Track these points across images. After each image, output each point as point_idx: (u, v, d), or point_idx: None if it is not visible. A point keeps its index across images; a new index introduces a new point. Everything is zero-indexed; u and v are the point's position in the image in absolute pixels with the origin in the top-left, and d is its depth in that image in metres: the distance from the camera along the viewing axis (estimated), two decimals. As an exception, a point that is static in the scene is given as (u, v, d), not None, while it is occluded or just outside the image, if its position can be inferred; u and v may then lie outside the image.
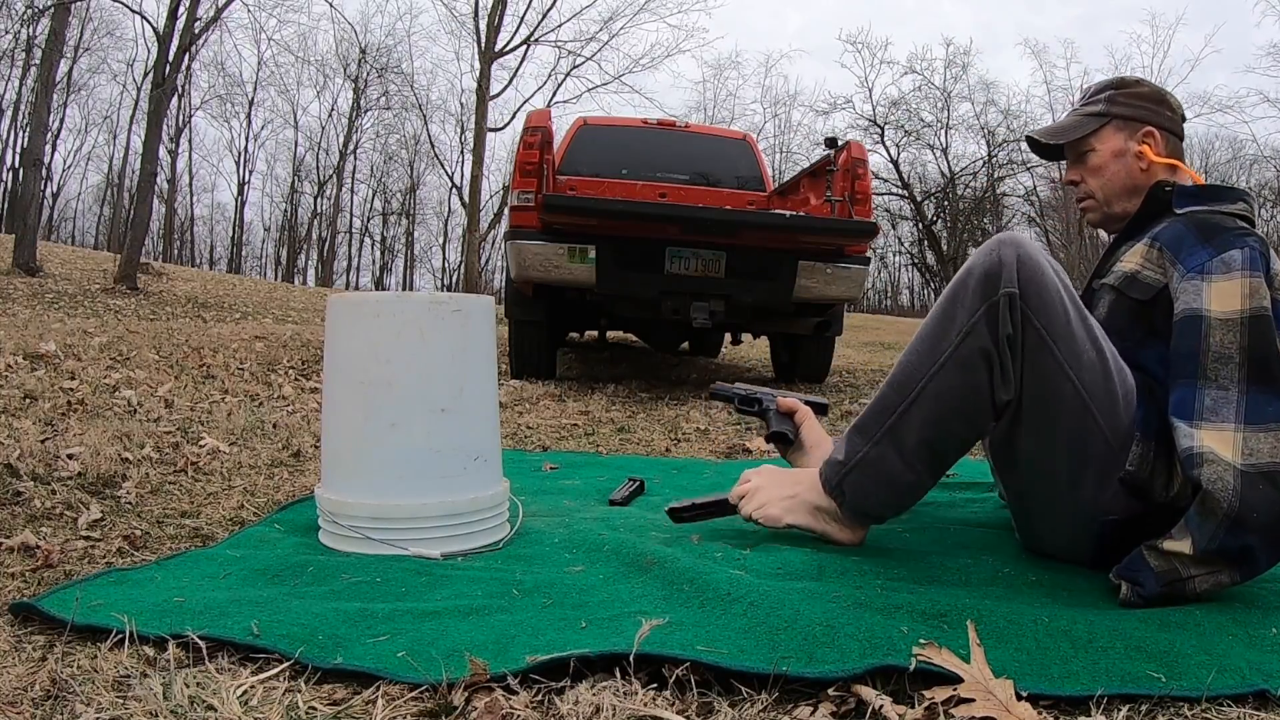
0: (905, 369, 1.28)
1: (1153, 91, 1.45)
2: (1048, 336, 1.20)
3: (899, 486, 1.29)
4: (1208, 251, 1.22)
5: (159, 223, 29.70)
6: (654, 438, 2.92)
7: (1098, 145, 1.44)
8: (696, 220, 3.79)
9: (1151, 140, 1.41)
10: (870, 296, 34.98)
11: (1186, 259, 1.24)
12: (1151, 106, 1.43)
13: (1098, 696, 0.86)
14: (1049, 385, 1.21)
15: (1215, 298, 1.18)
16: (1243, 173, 30.10)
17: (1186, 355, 1.18)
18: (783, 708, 0.86)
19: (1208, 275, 1.20)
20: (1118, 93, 1.45)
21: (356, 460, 1.40)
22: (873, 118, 18.68)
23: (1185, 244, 1.26)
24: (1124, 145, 1.43)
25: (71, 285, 9.92)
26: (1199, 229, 1.26)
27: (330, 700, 0.87)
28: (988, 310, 1.21)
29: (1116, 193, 1.44)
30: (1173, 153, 1.42)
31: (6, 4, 16.33)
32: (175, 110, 26.78)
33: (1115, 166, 1.43)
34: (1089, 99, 1.49)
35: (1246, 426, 1.11)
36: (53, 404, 2.66)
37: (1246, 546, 1.08)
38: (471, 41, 18.07)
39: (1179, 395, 1.18)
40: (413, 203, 35.39)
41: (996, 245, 1.24)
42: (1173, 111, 1.44)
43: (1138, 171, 1.42)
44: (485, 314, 1.47)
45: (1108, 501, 1.23)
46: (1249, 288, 1.16)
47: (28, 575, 1.22)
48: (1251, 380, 1.13)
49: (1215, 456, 1.10)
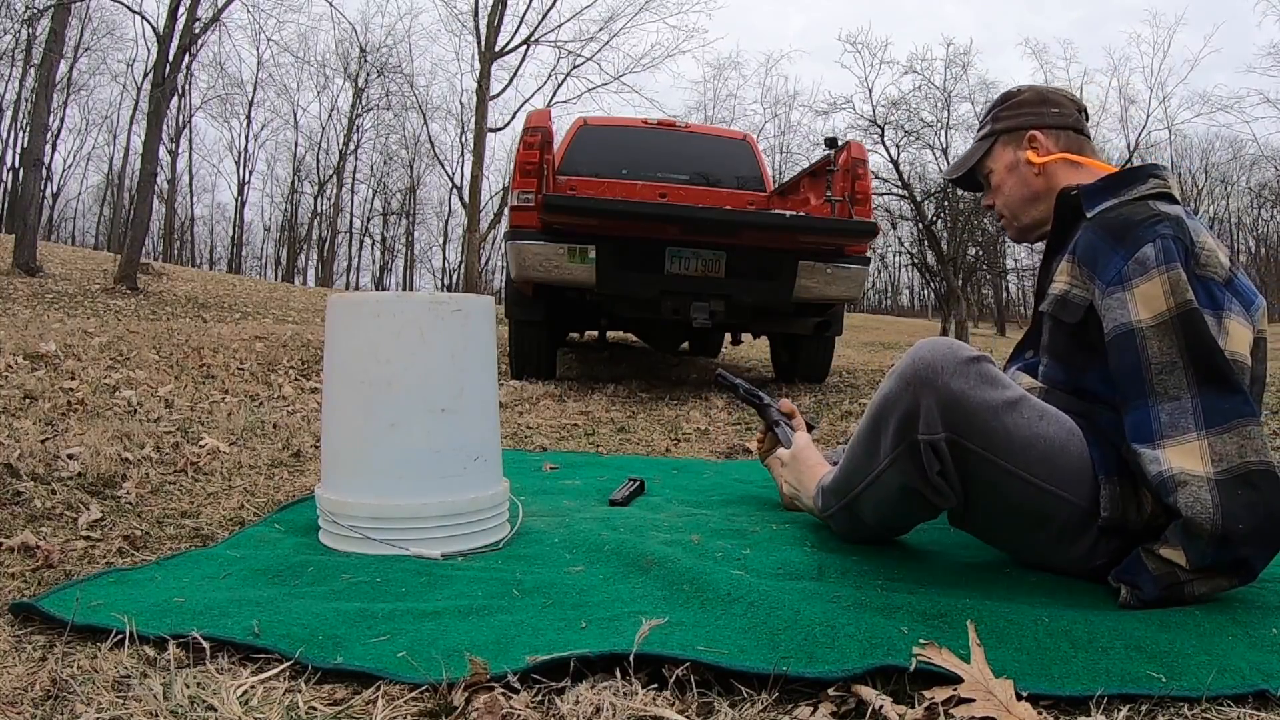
0: (848, 465, 1.37)
1: (1032, 95, 1.44)
2: (988, 453, 1.18)
3: (875, 536, 1.42)
4: (1120, 256, 1.17)
5: (159, 223, 29.72)
6: (654, 438, 2.92)
7: (992, 165, 1.45)
8: (696, 220, 3.79)
9: (1035, 144, 1.40)
10: (870, 296, 34.99)
11: (1103, 271, 1.19)
12: (1031, 110, 1.42)
13: (1098, 696, 0.86)
14: (1001, 489, 1.21)
15: (1141, 304, 1.14)
16: (1243, 173, 30.09)
17: (1130, 374, 1.15)
18: (783, 708, 0.86)
19: (1126, 283, 1.16)
20: (1001, 109, 1.45)
21: (356, 460, 1.40)
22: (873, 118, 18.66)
23: (1099, 254, 1.21)
24: (1014, 157, 1.42)
25: (71, 285, 9.91)
26: (1108, 232, 1.22)
27: (330, 700, 0.87)
28: (908, 450, 1.22)
29: (1019, 204, 1.43)
30: (1067, 147, 1.39)
31: (7, 4, 16.34)
32: (175, 110, 26.80)
33: (1011, 180, 1.43)
34: (980, 125, 1.50)
35: (1208, 432, 1.08)
36: (53, 404, 2.66)
37: (1240, 559, 1.07)
38: (471, 41, 18.13)
39: (1134, 419, 1.14)
40: (413, 203, 35.43)
41: (913, 385, 1.20)
42: (1059, 106, 1.41)
43: (1032, 178, 1.40)
44: (485, 314, 1.47)
45: (1097, 550, 1.21)
46: (1169, 283, 1.13)
47: (28, 575, 1.22)
48: (1200, 382, 1.10)
49: (1187, 475, 1.07)
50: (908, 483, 1.25)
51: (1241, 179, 30.90)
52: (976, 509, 1.26)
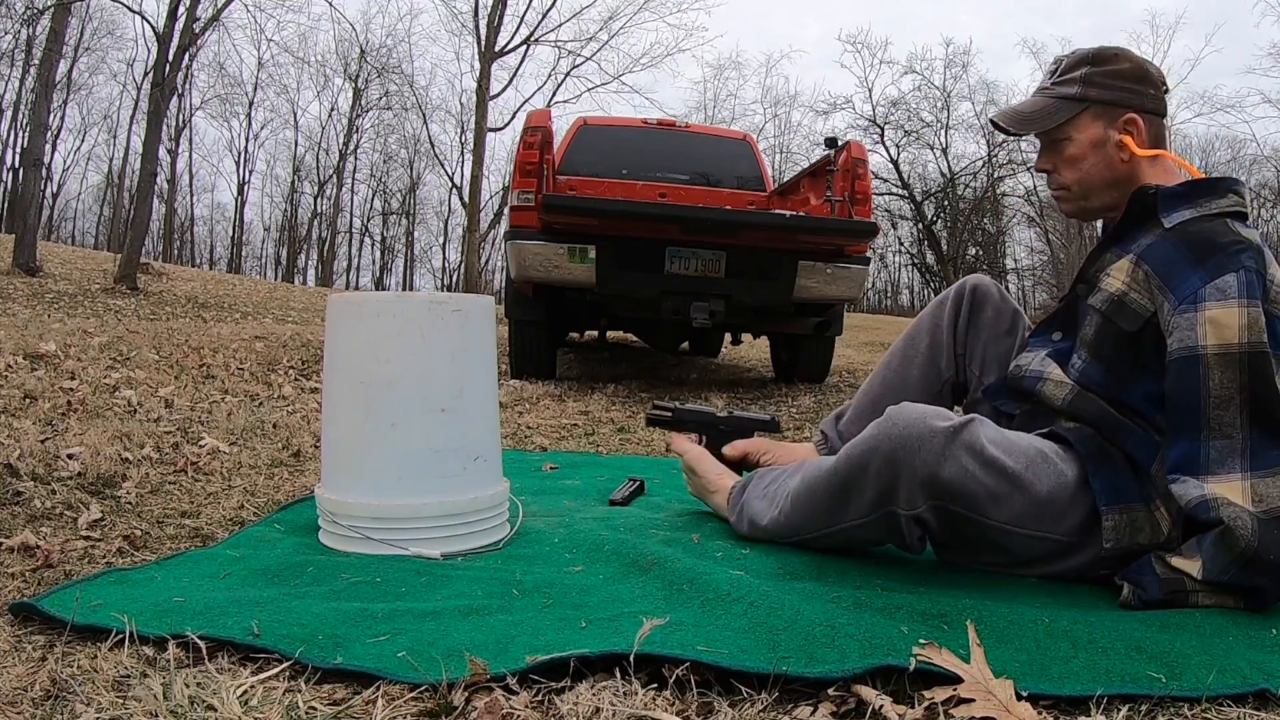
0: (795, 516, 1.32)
1: (1134, 68, 1.29)
2: (974, 515, 1.17)
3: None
4: (1200, 277, 1.13)
5: (159, 223, 29.69)
6: (654, 438, 2.92)
7: (1074, 134, 1.30)
8: (696, 220, 3.79)
9: (1135, 129, 1.27)
10: (870, 296, 34.96)
11: (1178, 287, 1.15)
12: (1133, 87, 1.28)
13: (1098, 696, 0.86)
14: (990, 537, 1.20)
15: (1211, 330, 1.10)
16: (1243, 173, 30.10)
17: (1187, 403, 1.12)
18: (783, 708, 0.86)
19: (1201, 305, 1.12)
20: (1094, 70, 1.29)
21: (356, 460, 1.40)
22: (873, 118, 18.69)
23: (1176, 270, 1.16)
24: (1103, 134, 1.28)
25: (71, 285, 9.91)
26: (1190, 249, 1.16)
27: (330, 700, 0.87)
28: (886, 518, 1.20)
29: (1096, 187, 1.31)
30: (1156, 139, 1.29)
31: (6, 4, 16.34)
32: (175, 110, 26.76)
33: (1094, 158, 1.29)
34: (1062, 76, 1.32)
35: (1254, 474, 1.07)
36: (53, 404, 2.66)
37: (1257, 587, 1.07)
38: (471, 41, 18.10)
39: (1182, 450, 1.12)
40: (413, 203, 35.39)
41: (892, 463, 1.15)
42: (1155, 89, 1.30)
43: (1119, 164, 1.28)
44: (485, 314, 1.47)
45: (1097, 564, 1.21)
46: (1247, 318, 1.09)
47: (28, 575, 1.22)
48: (1254, 425, 1.09)
49: (1229, 501, 1.07)
50: (878, 539, 1.26)
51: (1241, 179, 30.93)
52: (961, 552, 1.26)
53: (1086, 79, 1.29)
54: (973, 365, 1.52)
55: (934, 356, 1.54)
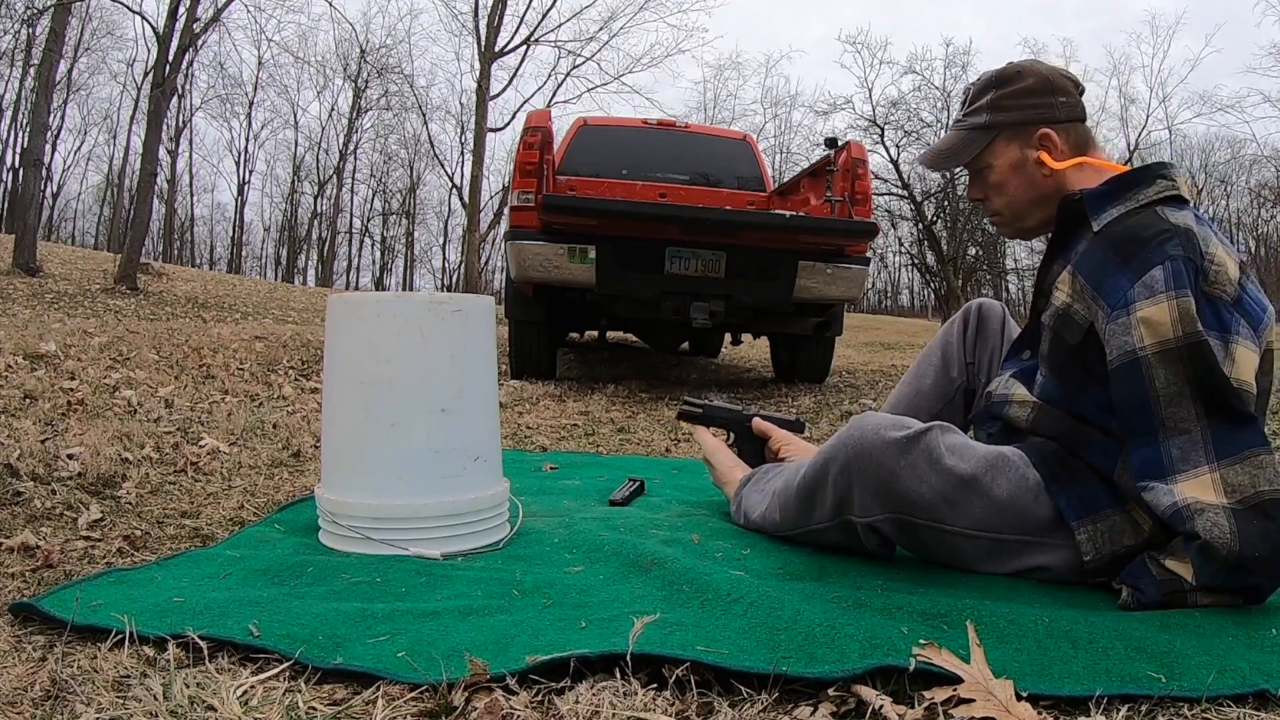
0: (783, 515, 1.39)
1: (1039, 82, 1.28)
2: (935, 524, 1.19)
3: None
4: (1127, 277, 1.12)
5: (159, 223, 29.70)
6: (654, 438, 2.92)
7: (992, 161, 1.31)
8: (697, 220, 3.79)
9: (1050, 144, 1.27)
10: (870, 296, 34.99)
11: (1109, 295, 1.14)
12: (1040, 101, 1.27)
13: (1098, 697, 0.86)
14: (943, 546, 1.23)
15: (1146, 330, 1.09)
16: (1243, 173, 30.08)
17: (1137, 408, 1.11)
18: (783, 708, 0.86)
19: (1132, 306, 1.10)
20: (1000, 94, 1.29)
21: (356, 460, 1.40)
22: (873, 118, 18.69)
23: (1104, 275, 1.15)
24: (1020, 155, 1.29)
25: (71, 285, 9.91)
26: (1115, 250, 1.15)
27: (330, 700, 0.87)
28: (844, 525, 1.25)
29: (1025, 207, 1.32)
30: (1077, 145, 1.28)
31: (6, 4, 16.33)
32: (175, 110, 26.77)
33: (1017, 181, 1.30)
34: (971, 106, 1.33)
35: (1220, 464, 1.06)
36: (53, 404, 2.66)
37: (1251, 585, 1.07)
38: (471, 41, 18.09)
39: (1144, 455, 1.11)
40: (413, 203, 35.40)
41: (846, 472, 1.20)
42: (1067, 95, 1.28)
43: (1042, 180, 1.28)
44: (485, 314, 1.47)
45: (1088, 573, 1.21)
46: (1178, 311, 1.08)
47: (28, 575, 1.22)
48: (1210, 414, 1.07)
49: (1202, 504, 1.04)
50: (843, 544, 1.31)
51: (1241, 179, 30.87)
52: (932, 556, 1.28)
53: (993, 104, 1.30)
54: (980, 374, 1.59)
55: (946, 366, 1.62)
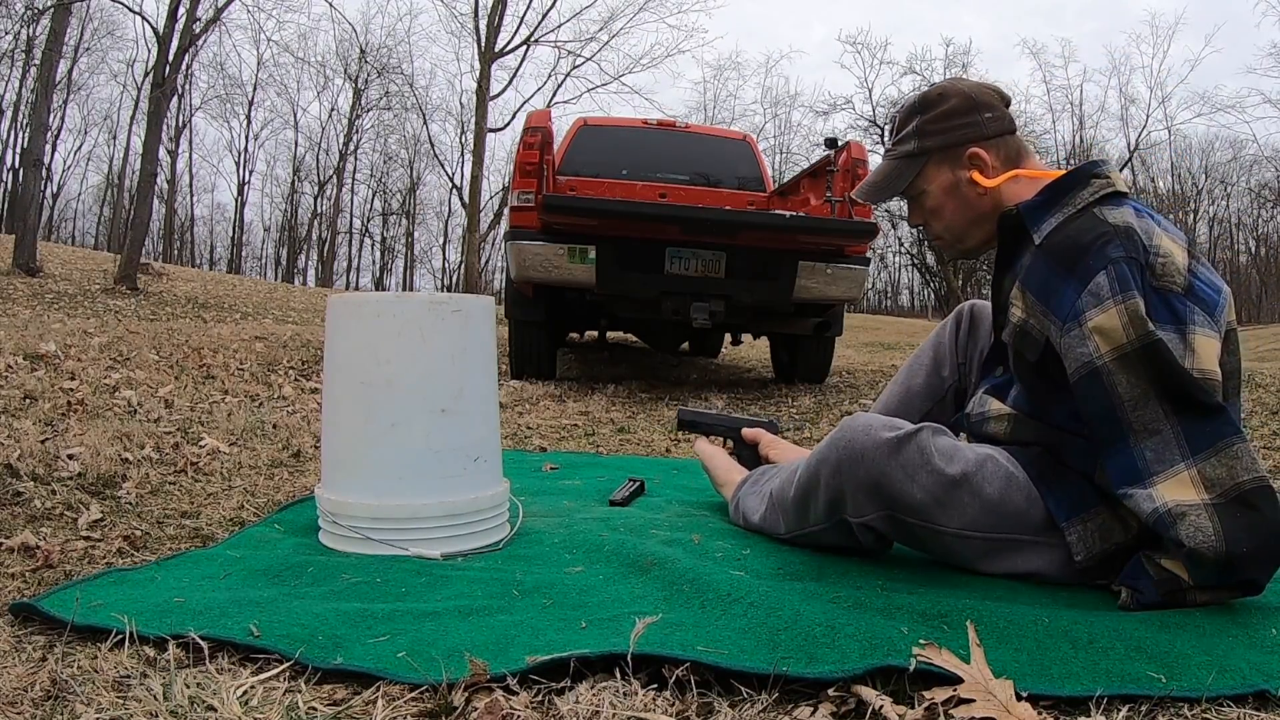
0: (781, 517, 1.39)
1: (962, 101, 1.29)
2: (929, 524, 1.19)
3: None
4: (1073, 287, 1.12)
5: (159, 223, 29.69)
6: (654, 438, 2.92)
7: (926, 187, 1.32)
8: (696, 220, 3.79)
9: (980, 162, 1.27)
10: (870, 296, 34.96)
11: (1058, 308, 1.14)
12: (965, 121, 1.28)
13: (1098, 697, 0.86)
14: (939, 546, 1.23)
15: (1100, 339, 1.09)
16: (1243, 173, 30.09)
17: (1104, 416, 1.10)
18: (783, 708, 0.86)
19: (1082, 317, 1.10)
20: (925, 119, 1.30)
21: (357, 460, 1.40)
22: (873, 118, 18.70)
23: (1051, 288, 1.15)
24: (952, 177, 1.29)
25: (71, 285, 9.91)
26: (1058, 261, 1.15)
27: (330, 700, 0.87)
28: (839, 525, 1.27)
29: (964, 228, 1.33)
30: (1009, 158, 1.28)
31: (6, 4, 16.33)
32: (175, 110, 26.77)
33: (952, 203, 1.31)
34: (899, 135, 1.34)
35: (1196, 459, 1.05)
36: (53, 404, 2.66)
37: (1245, 580, 1.07)
38: (471, 42, 18.09)
39: (1118, 462, 1.10)
40: (413, 203, 35.39)
41: (839, 473, 1.22)
42: (992, 110, 1.29)
43: (976, 199, 1.29)
44: (485, 314, 1.47)
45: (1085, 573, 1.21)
46: (1127, 315, 1.08)
47: (28, 575, 1.22)
48: (1178, 411, 1.07)
49: (1184, 506, 1.04)
50: (841, 544, 1.32)
51: (1241, 179, 30.88)
52: (928, 553, 1.29)
53: (919, 130, 1.31)
54: (971, 374, 1.59)
55: (937, 366, 1.62)
